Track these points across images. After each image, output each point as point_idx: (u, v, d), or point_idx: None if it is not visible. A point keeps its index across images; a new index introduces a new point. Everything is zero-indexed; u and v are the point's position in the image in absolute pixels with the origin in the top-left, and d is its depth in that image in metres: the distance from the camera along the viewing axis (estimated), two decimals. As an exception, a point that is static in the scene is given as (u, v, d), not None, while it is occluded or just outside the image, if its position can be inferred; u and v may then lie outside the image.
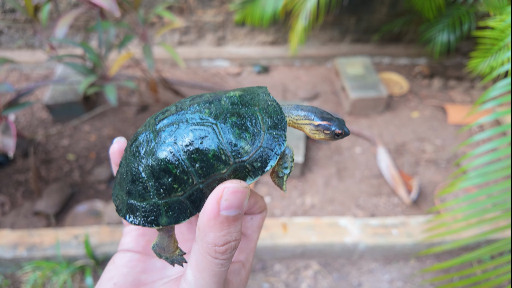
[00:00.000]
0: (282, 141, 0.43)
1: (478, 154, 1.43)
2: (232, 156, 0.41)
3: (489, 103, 1.40)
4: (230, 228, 0.36)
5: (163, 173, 0.41)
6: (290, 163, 0.46)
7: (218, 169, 0.41)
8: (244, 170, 0.41)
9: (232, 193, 0.36)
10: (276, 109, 0.45)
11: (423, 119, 2.95)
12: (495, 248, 1.41)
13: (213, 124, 0.41)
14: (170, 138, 0.41)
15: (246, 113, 0.42)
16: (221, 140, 0.40)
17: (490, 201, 1.43)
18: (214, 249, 0.36)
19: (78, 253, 1.85)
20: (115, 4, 1.69)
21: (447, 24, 2.88)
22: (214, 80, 3.29)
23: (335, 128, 0.47)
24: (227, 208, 0.35)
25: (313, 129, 0.48)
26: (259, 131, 0.42)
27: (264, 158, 0.42)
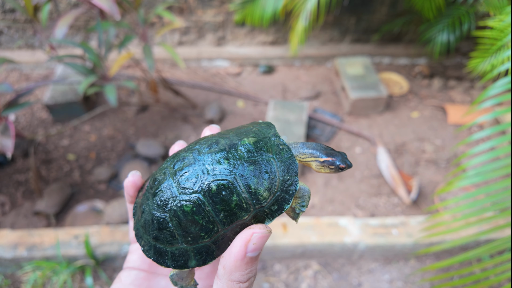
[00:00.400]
0: (296, 184, 0.47)
1: (476, 153, 1.43)
2: (252, 204, 0.45)
3: (488, 101, 1.40)
4: (252, 266, 0.40)
5: (190, 223, 0.45)
6: (307, 202, 0.51)
7: (241, 216, 0.45)
8: (263, 214, 0.46)
9: (259, 238, 0.40)
10: (288, 154, 0.49)
11: (423, 119, 2.95)
12: (494, 246, 1.41)
13: (233, 175, 0.45)
14: (194, 189, 0.45)
15: (262, 161, 0.47)
16: (242, 190, 0.45)
17: (489, 200, 1.43)
18: (239, 286, 0.40)
19: (78, 253, 1.86)
20: (115, 6, 1.69)
21: (447, 24, 2.88)
22: (214, 80, 3.29)
23: (339, 163, 0.52)
24: (253, 251, 0.39)
25: (319, 165, 0.53)
26: (274, 178, 0.46)
27: (280, 201, 0.46)
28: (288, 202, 0.47)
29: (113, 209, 2.11)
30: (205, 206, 0.44)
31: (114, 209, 2.10)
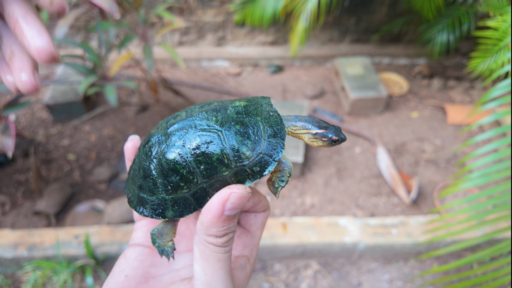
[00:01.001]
0: (280, 149, 0.47)
1: (479, 155, 1.43)
2: (234, 161, 0.45)
3: (489, 104, 1.40)
4: (230, 224, 0.41)
5: (172, 172, 0.46)
6: (287, 177, 0.50)
7: (221, 171, 0.45)
8: (244, 173, 0.46)
9: (237, 198, 0.40)
10: (277, 120, 0.49)
11: (422, 119, 2.95)
12: (496, 250, 1.41)
13: (219, 131, 0.46)
14: (179, 141, 0.46)
15: (249, 122, 0.47)
16: (225, 145, 0.45)
17: (491, 202, 1.43)
18: (216, 240, 0.40)
19: (79, 253, 1.86)
20: (115, 6, 1.69)
21: (447, 24, 2.88)
22: (214, 80, 3.29)
23: (332, 135, 0.51)
24: (231, 210, 0.40)
25: (311, 138, 0.52)
26: (259, 139, 0.46)
27: (263, 163, 0.46)
28: (270, 165, 0.46)
29: (113, 209, 2.11)
30: (187, 156, 0.45)
31: (115, 209, 2.10)
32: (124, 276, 0.48)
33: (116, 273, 0.49)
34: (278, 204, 2.31)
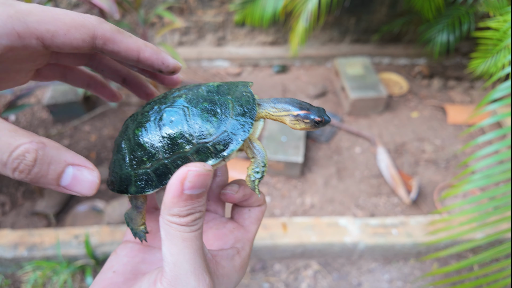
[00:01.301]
0: (248, 128, 0.44)
1: (480, 156, 1.43)
2: (196, 137, 0.44)
3: (490, 105, 1.40)
4: (193, 204, 0.39)
5: (137, 147, 0.46)
6: (262, 167, 0.47)
7: (182, 147, 0.44)
8: (207, 151, 0.44)
9: (195, 176, 0.38)
10: (249, 99, 0.47)
11: (422, 119, 2.95)
12: (497, 251, 1.41)
13: (185, 107, 0.45)
14: (148, 117, 0.46)
15: (218, 100, 0.46)
16: (189, 122, 0.44)
17: (492, 204, 1.43)
18: (179, 220, 0.38)
19: (79, 253, 1.86)
20: (115, 6, 1.69)
21: (447, 24, 2.88)
22: (214, 80, 3.29)
23: (314, 117, 0.47)
24: (190, 189, 0.38)
25: (293, 120, 0.49)
26: (226, 117, 0.44)
27: (227, 142, 0.44)
28: (234, 144, 0.44)
29: (113, 209, 2.11)
30: (151, 130, 0.45)
31: (115, 209, 2.10)
32: (112, 272, 0.47)
33: (105, 269, 0.48)
34: (278, 204, 2.31)
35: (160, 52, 0.47)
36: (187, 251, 0.38)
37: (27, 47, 0.37)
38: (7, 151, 0.33)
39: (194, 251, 0.39)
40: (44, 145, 0.35)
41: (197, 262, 0.39)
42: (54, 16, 0.38)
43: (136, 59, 0.44)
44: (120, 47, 0.43)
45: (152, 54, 0.46)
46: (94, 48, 0.41)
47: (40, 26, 0.37)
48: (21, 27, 0.36)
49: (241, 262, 0.48)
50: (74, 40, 0.39)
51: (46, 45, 0.38)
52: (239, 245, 0.50)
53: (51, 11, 0.38)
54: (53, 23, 0.38)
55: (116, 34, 0.42)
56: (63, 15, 0.39)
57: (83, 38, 0.39)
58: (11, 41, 0.36)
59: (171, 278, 0.38)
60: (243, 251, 0.50)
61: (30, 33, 0.37)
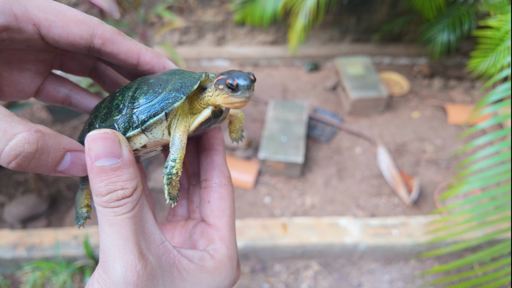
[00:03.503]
0: (174, 100, 0.40)
1: (481, 157, 1.42)
2: (127, 106, 0.42)
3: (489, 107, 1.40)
4: (110, 178, 0.36)
5: (90, 116, 0.47)
6: (171, 162, 0.41)
7: (113, 115, 0.43)
8: (130, 120, 0.41)
9: (91, 141, 0.35)
10: (192, 79, 0.43)
11: (423, 119, 2.94)
12: (496, 250, 1.41)
13: (135, 83, 0.44)
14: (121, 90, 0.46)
15: (163, 78, 0.43)
16: (129, 94, 0.43)
17: (493, 203, 1.43)
18: (100, 200, 0.36)
19: (78, 253, 1.85)
20: (114, 5, 1.68)
21: (447, 24, 2.87)
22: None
23: (226, 78, 0.40)
24: (97, 159, 0.35)
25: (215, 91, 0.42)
26: (161, 92, 0.42)
27: (149, 112, 0.41)
28: (153, 112, 0.40)
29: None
30: (103, 103, 0.45)
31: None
32: None
33: None
34: (278, 204, 2.30)
35: (162, 56, 0.46)
36: (114, 237, 0.35)
37: (23, 31, 0.36)
38: (3, 140, 0.31)
39: (122, 238, 0.35)
40: (43, 134, 0.34)
41: (127, 248, 0.35)
42: (55, 7, 0.38)
43: (136, 62, 0.43)
44: (120, 49, 0.42)
45: (153, 58, 0.44)
46: (92, 48, 0.40)
47: (39, 13, 0.36)
48: (19, 9, 0.35)
49: (216, 264, 0.43)
50: (71, 34, 0.38)
51: (42, 34, 0.38)
52: (211, 247, 0.45)
53: (54, 3, 0.38)
54: (53, 13, 0.37)
55: (116, 36, 0.41)
56: (65, 8, 0.38)
57: (81, 34, 0.39)
58: (7, 21, 0.35)
59: (102, 264, 0.36)
60: (217, 253, 0.44)
61: (28, 18, 0.36)
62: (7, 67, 0.43)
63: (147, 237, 0.38)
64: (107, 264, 0.36)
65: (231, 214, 0.48)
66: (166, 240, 0.40)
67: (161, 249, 0.39)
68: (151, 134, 0.42)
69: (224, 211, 0.48)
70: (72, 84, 0.50)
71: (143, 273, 0.36)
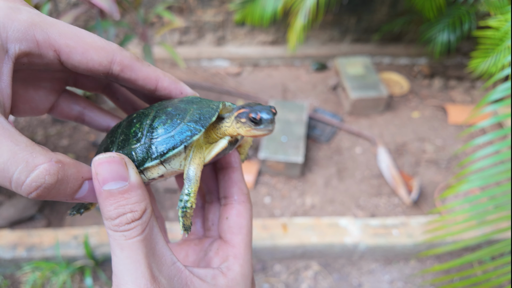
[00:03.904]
0: (193, 133, 0.41)
1: (481, 156, 1.42)
2: (145, 135, 0.42)
3: (490, 106, 1.40)
4: (119, 201, 0.36)
5: (105, 140, 0.48)
6: (185, 196, 0.42)
7: (131, 143, 0.43)
8: (148, 151, 0.42)
9: (98, 166, 0.35)
10: (211, 110, 0.43)
11: (423, 119, 2.94)
12: (496, 249, 1.41)
13: (152, 110, 0.44)
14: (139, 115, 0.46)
15: (182, 107, 0.43)
16: (147, 122, 0.43)
17: (492, 203, 1.43)
18: (111, 223, 0.36)
19: (78, 253, 1.85)
20: (114, 6, 1.68)
21: (448, 24, 2.87)
22: (214, 80, 3.28)
23: (248, 112, 0.40)
24: (104, 182, 0.35)
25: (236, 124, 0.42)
26: (180, 122, 0.42)
27: (169, 144, 0.41)
28: (171, 145, 0.40)
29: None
30: (119, 127, 0.45)
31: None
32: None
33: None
34: (278, 204, 2.30)
35: (179, 81, 0.46)
36: (127, 261, 0.35)
37: (43, 57, 0.37)
38: (25, 171, 0.31)
39: (135, 261, 0.35)
40: (63, 165, 0.34)
41: (139, 272, 0.35)
42: (76, 33, 0.38)
43: (154, 88, 0.44)
44: (138, 75, 0.42)
45: (171, 84, 0.45)
46: (110, 74, 0.41)
47: (60, 39, 0.37)
48: (42, 36, 0.36)
49: (229, 283, 0.43)
50: (90, 60, 0.39)
51: (62, 60, 0.38)
52: (224, 265, 0.45)
53: (75, 29, 0.38)
54: (74, 39, 0.38)
55: (135, 62, 0.42)
56: (86, 35, 0.39)
57: (100, 61, 0.39)
58: (29, 48, 0.35)
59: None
60: (230, 271, 0.44)
61: (49, 44, 0.36)
62: (23, 85, 0.43)
63: (158, 259, 0.38)
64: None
65: (248, 232, 0.48)
66: (178, 261, 0.40)
67: (172, 270, 0.39)
68: (169, 165, 0.42)
69: (241, 228, 0.47)
70: (86, 101, 0.50)
71: None
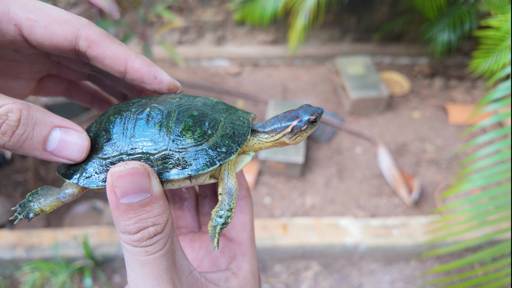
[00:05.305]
0: (230, 153, 0.38)
1: (481, 156, 1.42)
2: (170, 139, 0.38)
3: (491, 105, 1.39)
4: (140, 215, 0.33)
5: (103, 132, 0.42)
6: (227, 212, 0.39)
7: (147, 146, 0.38)
8: (175, 161, 0.37)
9: (118, 179, 0.32)
10: (243, 125, 0.41)
11: (424, 119, 2.94)
12: (497, 250, 1.40)
13: (172, 110, 0.39)
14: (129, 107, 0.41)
15: (211, 115, 0.40)
16: (169, 124, 0.38)
17: (493, 203, 1.42)
18: (130, 238, 0.33)
19: (77, 253, 1.84)
20: (114, 5, 1.67)
21: (448, 23, 2.86)
22: (213, 80, 3.27)
23: (308, 117, 0.43)
24: (124, 196, 0.32)
25: (291, 136, 0.44)
26: (212, 133, 0.38)
27: (200, 160, 0.37)
28: (206, 164, 0.37)
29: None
30: (127, 120, 0.40)
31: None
32: None
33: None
34: (278, 204, 2.29)
35: (153, 65, 0.42)
36: (148, 278, 0.33)
37: (4, 32, 0.35)
38: None
39: (157, 277, 0.33)
40: (29, 106, 0.33)
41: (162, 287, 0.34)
42: (39, 7, 0.36)
43: (124, 69, 0.40)
44: (106, 53, 0.38)
45: (143, 66, 0.41)
46: (78, 51, 0.38)
47: (21, 13, 0.35)
48: (1, 8, 0.34)
49: (240, 283, 0.42)
50: (54, 35, 0.36)
51: (25, 36, 0.36)
52: (234, 265, 0.44)
53: (39, 3, 0.36)
54: (35, 12, 0.35)
55: (103, 38, 0.38)
56: (51, 9, 0.36)
57: (65, 35, 0.36)
58: None
59: None
60: (241, 270, 0.43)
61: (9, 17, 0.34)
62: (1, 77, 0.41)
63: (178, 270, 0.36)
64: None
65: (251, 228, 0.47)
66: (195, 269, 0.39)
67: (190, 280, 0.38)
68: (196, 180, 0.40)
69: (245, 224, 0.46)
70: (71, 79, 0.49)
71: None
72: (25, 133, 0.32)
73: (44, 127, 0.34)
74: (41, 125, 0.34)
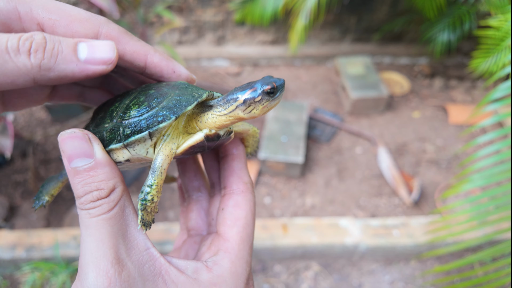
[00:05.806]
0: (165, 119, 0.38)
1: (481, 156, 1.42)
2: (119, 116, 0.40)
3: (491, 105, 1.39)
4: (85, 179, 0.35)
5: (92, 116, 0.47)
6: (147, 187, 0.38)
7: (105, 121, 0.42)
8: (117, 132, 0.39)
9: (61, 142, 0.35)
10: (191, 99, 0.40)
11: (424, 119, 2.94)
12: (497, 250, 1.40)
13: (136, 91, 0.42)
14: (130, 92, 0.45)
15: (165, 92, 0.40)
16: (126, 102, 0.41)
17: (493, 203, 1.42)
18: (78, 202, 0.35)
19: (77, 253, 1.84)
20: (114, 5, 1.68)
21: (448, 23, 2.86)
22: (213, 80, 3.27)
23: (262, 87, 0.39)
24: (70, 160, 0.35)
25: (244, 109, 0.40)
26: (156, 106, 0.39)
27: (135, 127, 0.39)
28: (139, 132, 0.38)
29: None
30: (105, 104, 0.45)
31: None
32: None
33: None
34: (278, 204, 2.29)
35: (172, 59, 0.43)
36: (89, 239, 0.34)
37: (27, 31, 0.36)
38: (15, 37, 0.32)
39: (97, 240, 0.34)
40: None
41: (100, 252, 0.34)
42: (60, 7, 0.37)
43: (144, 64, 0.41)
44: (126, 49, 0.39)
45: (162, 60, 0.42)
46: None
47: (43, 12, 0.36)
48: (24, 8, 0.35)
49: (213, 279, 0.38)
50: (76, 33, 0.37)
51: None
52: (211, 259, 0.41)
53: (58, 3, 0.37)
54: (57, 12, 0.36)
55: (122, 35, 0.39)
56: (70, 8, 0.38)
57: (86, 33, 0.37)
58: (10, 20, 0.35)
59: (79, 269, 0.35)
60: (217, 266, 0.40)
61: (32, 17, 0.36)
62: None
63: (128, 241, 0.36)
64: (81, 269, 0.34)
65: (245, 225, 0.44)
66: (153, 247, 0.37)
67: (144, 256, 0.36)
68: (134, 150, 0.39)
69: (237, 220, 0.44)
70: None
71: (116, 279, 0.33)
72: (55, 47, 0.34)
73: (69, 41, 0.35)
74: (66, 40, 0.35)
